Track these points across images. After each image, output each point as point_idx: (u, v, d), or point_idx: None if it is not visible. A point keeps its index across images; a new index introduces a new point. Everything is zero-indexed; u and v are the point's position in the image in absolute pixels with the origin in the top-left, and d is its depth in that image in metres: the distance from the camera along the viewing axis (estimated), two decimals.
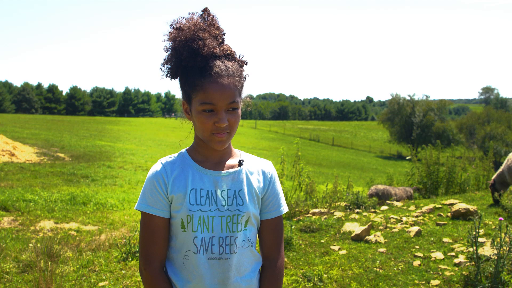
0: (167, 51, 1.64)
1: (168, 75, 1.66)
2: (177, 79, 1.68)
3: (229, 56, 1.65)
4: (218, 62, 1.59)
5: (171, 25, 1.63)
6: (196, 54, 1.57)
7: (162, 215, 1.64)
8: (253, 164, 1.78)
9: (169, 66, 1.65)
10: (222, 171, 1.70)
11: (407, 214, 7.22)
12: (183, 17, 1.63)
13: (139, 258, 1.68)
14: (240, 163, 1.74)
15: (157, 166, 1.69)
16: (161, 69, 1.67)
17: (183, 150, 1.77)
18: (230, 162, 1.74)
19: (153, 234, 1.65)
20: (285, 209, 1.81)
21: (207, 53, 1.57)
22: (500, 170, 7.79)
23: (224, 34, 1.67)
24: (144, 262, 1.65)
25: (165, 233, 1.67)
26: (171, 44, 1.62)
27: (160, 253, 1.66)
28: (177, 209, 1.63)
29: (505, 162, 7.70)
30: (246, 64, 1.71)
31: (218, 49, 1.61)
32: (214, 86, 1.56)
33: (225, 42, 1.68)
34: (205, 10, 1.66)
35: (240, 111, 1.65)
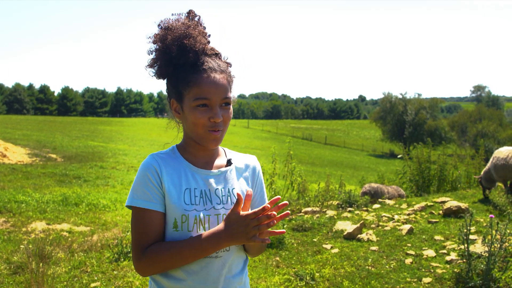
0: (152, 53, 1.64)
1: (157, 75, 1.66)
2: (165, 79, 1.68)
3: (216, 55, 1.68)
4: (209, 59, 1.62)
5: (159, 25, 1.63)
6: (187, 51, 1.58)
7: (159, 209, 1.57)
8: (240, 161, 1.79)
9: (157, 66, 1.64)
10: (214, 170, 1.69)
11: (399, 212, 7.25)
12: (170, 18, 1.64)
13: (132, 254, 1.58)
14: (229, 162, 1.74)
15: (149, 159, 1.63)
16: (147, 70, 1.66)
17: (173, 146, 1.74)
18: (218, 161, 1.74)
19: (149, 229, 1.56)
20: None
21: (199, 49, 1.59)
22: (486, 167, 7.87)
23: (209, 35, 1.69)
24: (138, 254, 1.56)
25: (161, 229, 1.59)
26: (158, 44, 1.62)
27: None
28: (170, 207, 1.58)
29: (490, 160, 7.78)
30: (230, 66, 1.72)
31: (207, 46, 1.64)
32: (208, 81, 1.57)
33: (210, 44, 1.70)
34: (191, 11, 1.67)
35: (232, 108, 1.66)
